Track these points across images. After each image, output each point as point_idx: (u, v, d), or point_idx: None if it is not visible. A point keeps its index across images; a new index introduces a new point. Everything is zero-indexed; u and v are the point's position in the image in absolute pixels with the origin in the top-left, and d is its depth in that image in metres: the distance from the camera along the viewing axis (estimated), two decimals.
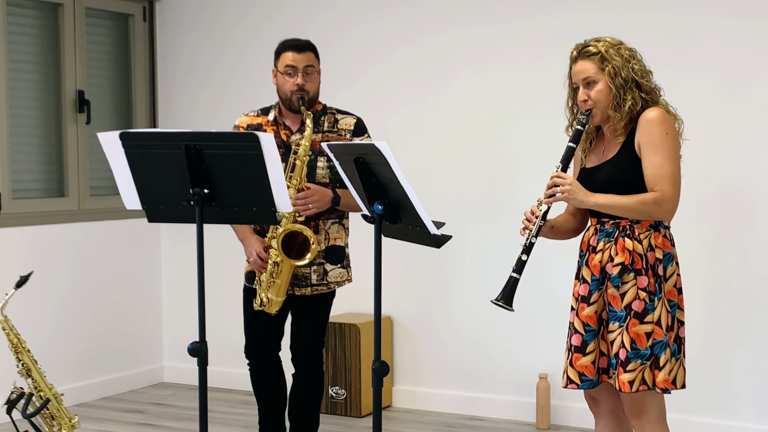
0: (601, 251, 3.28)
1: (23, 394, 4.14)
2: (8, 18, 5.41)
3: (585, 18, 5.01)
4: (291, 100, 4.06)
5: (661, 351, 3.19)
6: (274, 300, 4.04)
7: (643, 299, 3.19)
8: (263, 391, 4.31)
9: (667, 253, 3.25)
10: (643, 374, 3.19)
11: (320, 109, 4.15)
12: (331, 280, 4.15)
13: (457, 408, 5.45)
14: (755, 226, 4.75)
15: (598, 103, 3.26)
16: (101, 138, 3.30)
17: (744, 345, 4.77)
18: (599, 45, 3.26)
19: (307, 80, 4.05)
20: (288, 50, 4.08)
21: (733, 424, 4.77)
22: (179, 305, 6.19)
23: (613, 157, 3.29)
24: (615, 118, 3.25)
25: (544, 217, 3.30)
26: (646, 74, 3.27)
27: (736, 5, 4.73)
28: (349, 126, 4.12)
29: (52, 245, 5.59)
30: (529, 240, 3.31)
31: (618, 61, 3.22)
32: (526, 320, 5.28)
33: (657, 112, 3.21)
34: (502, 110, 5.28)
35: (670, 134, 3.18)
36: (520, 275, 3.31)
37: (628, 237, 3.23)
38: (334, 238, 4.13)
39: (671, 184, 3.16)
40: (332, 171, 4.04)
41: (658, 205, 3.15)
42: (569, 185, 3.23)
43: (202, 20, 6.10)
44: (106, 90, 6.04)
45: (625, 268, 3.21)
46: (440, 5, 5.41)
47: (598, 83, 3.25)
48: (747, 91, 4.73)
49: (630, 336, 3.19)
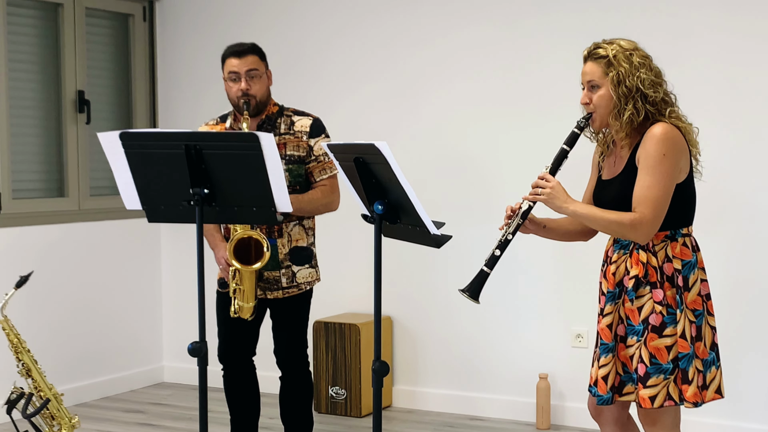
0: (616, 263, 3.22)
1: (23, 394, 4.14)
2: (8, 18, 5.41)
3: (584, 19, 5.01)
4: (238, 105, 4.02)
5: (688, 364, 3.10)
6: (245, 306, 4.04)
7: (660, 312, 3.10)
8: (234, 396, 4.26)
9: (687, 262, 3.15)
10: (668, 389, 3.10)
11: (276, 111, 4.11)
12: (301, 281, 4.13)
13: (457, 408, 5.45)
14: (753, 226, 4.75)
15: (599, 108, 3.18)
16: (101, 138, 3.30)
17: (753, 346, 4.77)
18: (609, 48, 3.15)
19: (252, 84, 4.00)
20: (230, 56, 4.04)
21: (741, 425, 4.77)
22: (179, 305, 6.19)
23: (620, 174, 3.21)
24: (614, 126, 3.17)
25: (523, 216, 3.25)
26: (654, 85, 3.14)
27: (736, 4, 4.73)
28: (305, 127, 4.08)
29: (52, 245, 5.59)
30: (505, 236, 3.26)
31: (624, 68, 3.11)
32: (526, 320, 5.28)
33: (661, 128, 3.09)
34: (501, 112, 5.28)
35: (668, 156, 3.07)
36: (491, 270, 3.26)
37: (643, 249, 3.15)
38: (296, 240, 4.11)
39: (653, 209, 3.06)
40: (291, 174, 4.02)
41: (633, 227, 3.08)
42: (551, 188, 3.18)
43: (202, 20, 6.11)
44: (106, 90, 6.04)
45: (639, 281, 3.14)
46: (439, 10, 5.41)
47: (602, 87, 3.16)
48: (752, 91, 4.73)
49: (649, 351, 3.11)
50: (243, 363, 4.24)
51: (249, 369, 4.27)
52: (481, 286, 3.27)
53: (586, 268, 5.04)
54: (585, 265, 5.06)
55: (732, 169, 4.77)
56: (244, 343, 4.21)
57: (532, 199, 3.23)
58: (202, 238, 3.28)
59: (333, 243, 5.38)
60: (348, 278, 5.55)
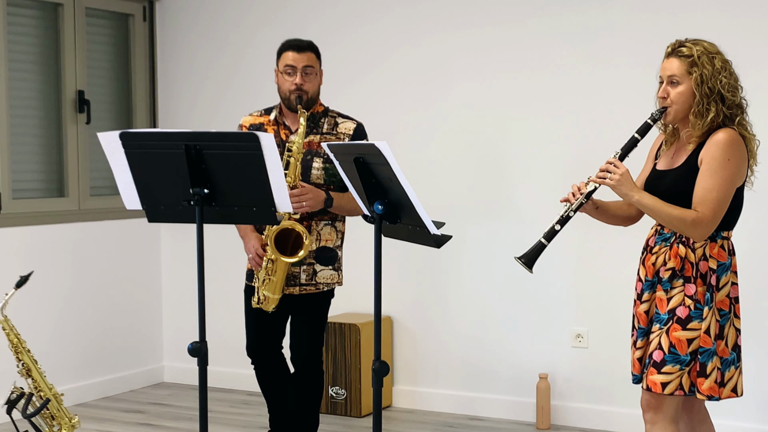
0: (656, 254, 3.33)
1: (23, 394, 4.14)
2: (8, 18, 5.41)
3: (586, 19, 5.01)
4: (289, 99, 4.08)
5: (708, 359, 3.22)
6: (271, 297, 4.07)
7: (688, 306, 3.23)
8: (268, 389, 4.33)
9: (722, 264, 3.27)
10: (681, 379, 3.23)
11: (321, 111, 4.17)
12: (320, 281, 4.16)
13: (457, 408, 5.45)
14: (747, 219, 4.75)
15: (675, 103, 3.27)
16: (101, 138, 3.31)
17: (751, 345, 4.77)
18: (694, 48, 3.24)
19: (306, 80, 4.07)
20: (288, 50, 4.10)
21: (738, 424, 4.78)
22: (179, 305, 6.19)
23: (679, 167, 3.30)
24: (696, 125, 3.25)
25: (588, 196, 3.34)
26: (732, 89, 3.25)
27: (737, 5, 4.73)
28: (349, 130, 4.13)
29: (52, 245, 5.59)
30: (567, 213, 3.35)
31: (708, 70, 3.21)
32: (526, 320, 5.28)
33: (728, 134, 3.21)
34: (502, 112, 5.28)
35: (732, 161, 3.19)
36: (548, 242, 3.35)
37: (683, 244, 3.27)
38: (326, 240, 4.15)
39: (713, 210, 3.18)
40: (327, 173, 4.06)
41: (694, 225, 3.18)
42: (620, 175, 3.25)
43: (202, 20, 6.11)
44: (106, 90, 6.04)
45: (674, 273, 3.26)
46: (440, 7, 5.41)
47: (681, 84, 3.25)
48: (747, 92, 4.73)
49: (670, 340, 3.23)
50: (273, 357, 4.29)
51: (278, 360, 4.31)
52: (537, 256, 3.36)
53: (587, 268, 5.06)
54: (585, 266, 5.07)
55: None
56: (271, 338, 4.26)
57: (598, 182, 3.31)
58: (202, 238, 3.28)
59: None
60: (348, 278, 5.54)
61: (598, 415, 5.06)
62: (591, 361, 5.10)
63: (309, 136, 4.10)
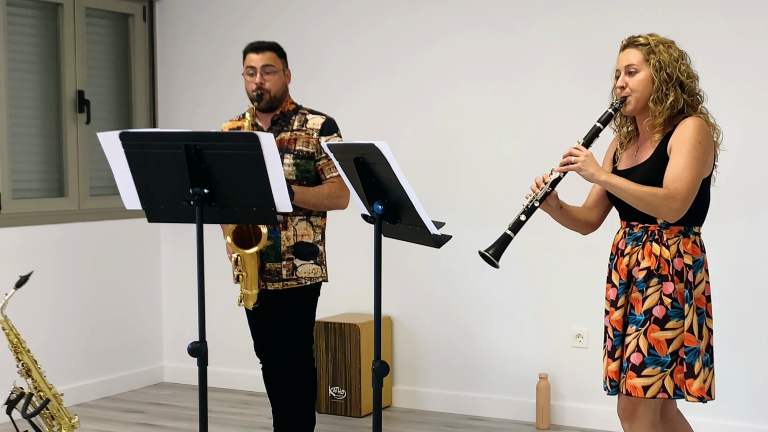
0: (629, 255, 3.25)
1: (23, 394, 4.14)
2: (8, 18, 5.41)
3: (586, 22, 5.01)
4: (251, 98, 4.15)
5: (694, 359, 3.14)
6: (248, 294, 4.14)
7: (665, 305, 3.15)
8: (272, 390, 4.37)
9: (697, 260, 3.20)
10: (663, 381, 3.14)
11: (292, 109, 4.22)
12: (301, 275, 4.17)
13: (457, 408, 5.45)
14: (752, 223, 4.75)
15: (635, 92, 3.23)
16: (101, 138, 3.31)
17: (742, 344, 4.77)
18: (650, 38, 3.25)
19: (266, 79, 4.13)
20: (249, 52, 4.21)
21: (757, 426, 4.77)
22: (179, 305, 6.19)
23: (647, 160, 3.25)
24: (656, 111, 3.21)
25: (553, 185, 3.27)
26: (691, 77, 3.24)
27: (736, 7, 4.73)
28: (317, 125, 4.16)
29: (52, 245, 5.59)
30: (531, 203, 3.27)
31: (665, 57, 3.20)
32: (526, 320, 5.28)
33: (697, 120, 3.18)
34: (502, 112, 5.28)
35: (702, 144, 3.14)
36: (514, 234, 3.25)
37: (656, 242, 3.19)
38: (302, 235, 4.16)
39: (687, 185, 3.10)
40: (299, 168, 4.11)
41: (667, 200, 3.09)
42: (585, 156, 3.20)
43: (202, 20, 6.11)
44: (106, 90, 6.04)
45: (650, 273, 3.18)
46: (440, 10, 5.41)
47: (640, 72, 3.23)
48: (747, 92, 4.73)
49: (648, 341, 3.15)
50: (275, 357, 4.31)
51: (280, 362, 4.31)
52: (503, 249, 3.25)
53: (587, 268, 5.05)
54: (585, 266, 5.07)
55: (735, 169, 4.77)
56: (273, 338, 4.28)
57: (564, 169, 3.24)
58: (202, 238, 3.28)
59: (333, 243, 5.36)
60: (348, 278, 5.54)
61: (598, 415, 5.06)
62: (591, 361, 5.09)
63: (280, 134, 4.14)
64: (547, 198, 3.29)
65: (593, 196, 3.48)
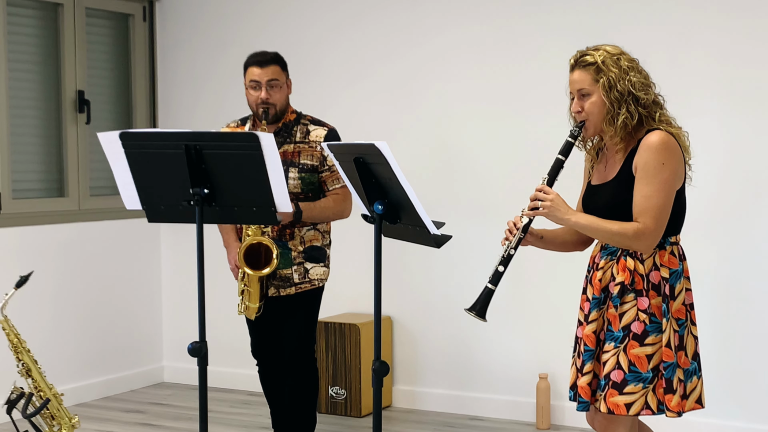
0: (603, 269, 3.21)
1: (23, 394, 4.14)
2: (8, 18, 5.41)
3: (582, 17, 5.01)
4: (257, 113, 4.12)
5: (672, 374, 3.10)
6: (251, 306, 4.16)
7: (643, 321, 3.09)
8: (270, 390, 4.37)
9: (674, 271, 3.14)
10: (646, 398, 3.09)
11: (293, 119, 4.20)
12: (314, 277, 4.20)
13: (457, 408, 5.45)
14: (754, 226, 4.75)
15: (591, 115, 3.16)
16: (101, 138, 3.30)
17: (749, 348, 4.77)
18: (596, 54, 3.13)
19: (272, 93, 4.11)
20: (252, 65, 4.15)
21: (741, 425, 4.78)
22: (179, 305, 6.19)
23: (612, 180, 3.19)
24: (608, 132, 3.14)
25: (524, 230, 3.23)
26: (645, 87, 3.12)
27: (733, 4, 4.73)
28: (320, 137, 4.16)
29: (52, 245, 5.59)
30: (507, 252, 3.24)
31: (614, 73, 3.09)
32: (526, 320, 5.28)
33: (658, 136, 3.07)
34: (502, 110, 5.28)
35: (666, 164, 3.06)
36: (495, 287, 3.23)
37: (630, 256, 3.13)
38: (310, 240, 4.19)
39: (655, 219, 3.05)
40: (304, 182, 4.11)
41: (636, 238, 3.05)
42: (551, 201, 3.16)
43: (202, 20, 6.11)
44: (106, 90, 6.04)
45: (624, 288, 3.13)
46: (437, 9, 5.41)
47: (593, 95, 3.14)
48: (750, 91, 4.73)
49: (629, 358, 3.10)
50: (275, 357, 4.31)
51: (281, 362, 4.32)
52: (487, 303, 3.25)
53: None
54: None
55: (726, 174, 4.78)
56: (273, 339, 4.29)
57: (532, 214, 3.20)
58: (202, 238, 3.28)
59: (333, 243, 5.36)
60: (348, 278, 5.54)
61: None
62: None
63: (284, 146, 4.13)
64: None
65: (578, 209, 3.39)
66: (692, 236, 4.68)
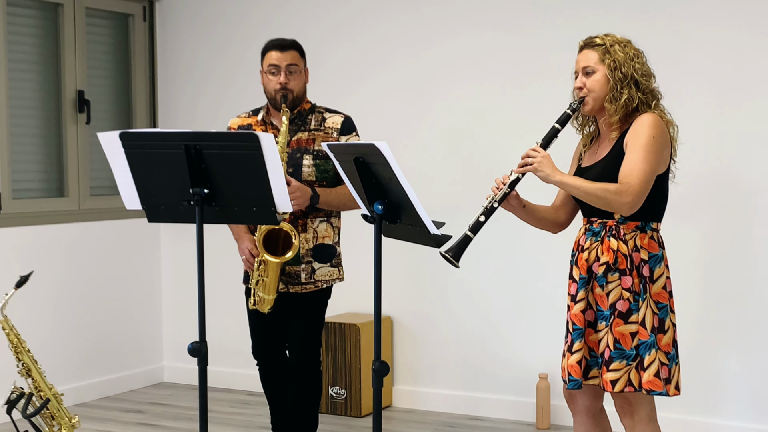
0: (588, 250, 3.32)
1: (23, 394, 4.14)
2: (8, 18, 5.41)
3: (585, 24, 5.01)
4: (275, 99, 4.09)
5: (646, 352, 3.20)
6: (266, 298, 4.08)
7: (627, 299, 3.21)
8: (271, 391, 4.34)
9: (654, 255, 3.26)
10: (629, 375, 3.20)
11: (308, 108, 4.18)
12: (319, 278, 4.16)
13: (457, 408, 5.45)
14: (747, 228, 4.75)
15: (592, 92, 3.30)
16: (101, 138, 3.31)
17: (732, 343, 4.77)
18: (606, 38, 3.32)
19: (291, 79, 4.09)
20: (271, 50, 4.12)
21: (720, 422, 4.78)
22: (179, 305, 6.19)
23: (604, 157, 3.31)
24: (610, 110, 3.28)
25: (511, 186, 3.35)
26: (647, 75, 3.30)
27: (734, 6, 4.73)
28: (336, 124, 4.13)
29: (52, 245, 5.59)
30: (491, 204, 3.35)
31: (620, 56, 3.26)
32: (526, 320, 5.28)
33: (651, 116, 3.24)
34: (502, 112, 5.28)
35: (656, 139, 3.20)
36: (474, 234, 3.33)
37: (614, 237, 3.26)
38: (323, 237, 4.15)
39: (639, 180, 3.16)
40: (318, 169, 4.07)
41: (619, 194, 3.15)
42: (541, 157, 3.27)
43: (202, 20, 6.11)
44: (106, 90, 6.04)
45: (609, 267, 3.25)
46: (439, 11, 5.41)
47: (596, 73, 3.30)
48: (743, 93, 4.73)
49: (614, 336, 3.22)
50: (276, 358, 4.29)
51: (283, 362, 4.30)
52: (463, 249, 3.33)
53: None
54: None
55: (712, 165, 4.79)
56: (274, 340, 4.25)
57: (521, 170, 3.32)
58: (202, 238, 3.28)
59: None
60: (348, 278, 5.53)
61: None
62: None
63: (297, 134, 4.11)
64: (507, 198, 3.38)
65: (561, 196, 3.55)
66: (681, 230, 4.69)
